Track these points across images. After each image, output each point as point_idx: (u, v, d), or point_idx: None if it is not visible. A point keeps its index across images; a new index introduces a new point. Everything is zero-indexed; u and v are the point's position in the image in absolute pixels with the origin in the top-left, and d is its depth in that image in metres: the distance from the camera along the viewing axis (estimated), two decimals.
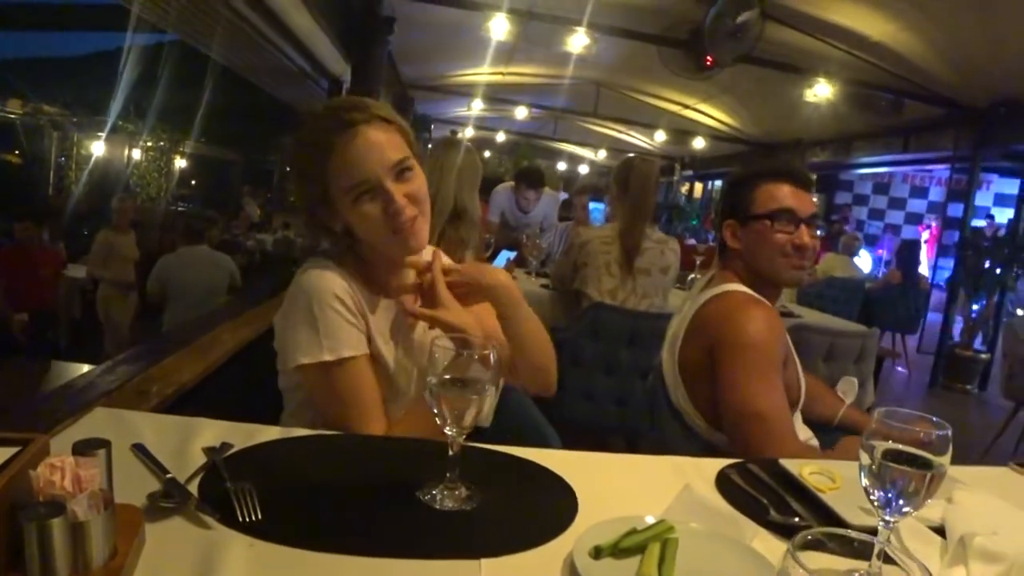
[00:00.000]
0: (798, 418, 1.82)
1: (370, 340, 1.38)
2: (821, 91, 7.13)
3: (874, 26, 6.04)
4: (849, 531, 0.75)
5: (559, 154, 18.01)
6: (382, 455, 1.22)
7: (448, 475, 1.03)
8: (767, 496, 1.15)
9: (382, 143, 1.30)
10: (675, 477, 1.19)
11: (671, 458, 1.31)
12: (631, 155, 3.59)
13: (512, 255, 4.27)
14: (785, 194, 1.78)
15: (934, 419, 0.89)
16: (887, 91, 7.15)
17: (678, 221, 11.90)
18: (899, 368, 8.11)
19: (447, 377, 1.00)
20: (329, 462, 1.16)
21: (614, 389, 2.94)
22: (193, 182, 19.88)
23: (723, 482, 1.21)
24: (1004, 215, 11.47)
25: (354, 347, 1.34)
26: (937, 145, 7.98)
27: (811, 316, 3.92)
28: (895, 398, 6.92)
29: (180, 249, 6.02)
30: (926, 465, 0.85)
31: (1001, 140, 7.22)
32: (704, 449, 1.70)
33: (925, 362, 8.08)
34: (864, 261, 11.71)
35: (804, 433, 1.81)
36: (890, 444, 0.86)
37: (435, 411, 1.01)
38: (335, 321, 1.32)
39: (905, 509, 0.87)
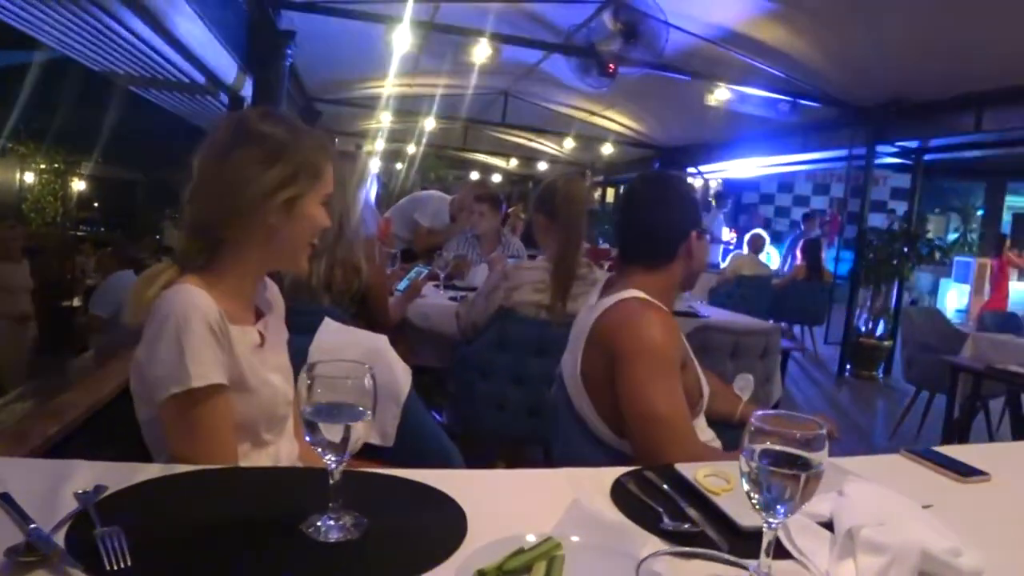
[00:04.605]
0: (701, 419, 1.84)
1: (238, 368, 1.35)
2: (721, 95, 7.33)
3: (768, 31, 6.23)
4: (712, 551, 0.74)
5: (471, 164, 18.02)
6: (264, 488, 1.17)
7: (331, 504, 0.99)
8: (662, 503, 1.15)
9: None
10: (570, 490, 1.17)
11: (566, 470, 1.31)
12: (555, 178, 3.28)
13: (424, 271, 4.21)
14: None
15: (809, 418, 0.89)
16: (784, 93, 7.39)
17: (593, 227, 12.06)
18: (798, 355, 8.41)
19: (323, 403, 0.97)
20: (209, 499, 1.10)
21: (525, 399, 2.91)
22: (96, 204, 19.14)
23: (618, 491, 1.20)
24: (902, 208, 12.02)
25: (222, 376, 1.30)
26: (834, 144, 8.30)
27: (718, 315, 3.99)
28: (804, 389, 7.15)
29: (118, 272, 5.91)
30: (804, 465, 0.86)
31: (893, 137, 7.57)
32: (609, 456, 1.70)
33: (832, 352, 8.38)
34: (772, 257, 12.12)
35: (706, 434, 1.83)
36: (768, 445, 0.87)
37: (310, 439, 0.97)
38: (204, 344, 1.27)
39: (786, 510, 0.87)
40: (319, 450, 0.98)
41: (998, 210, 13.59)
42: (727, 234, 12.52)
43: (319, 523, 0.98)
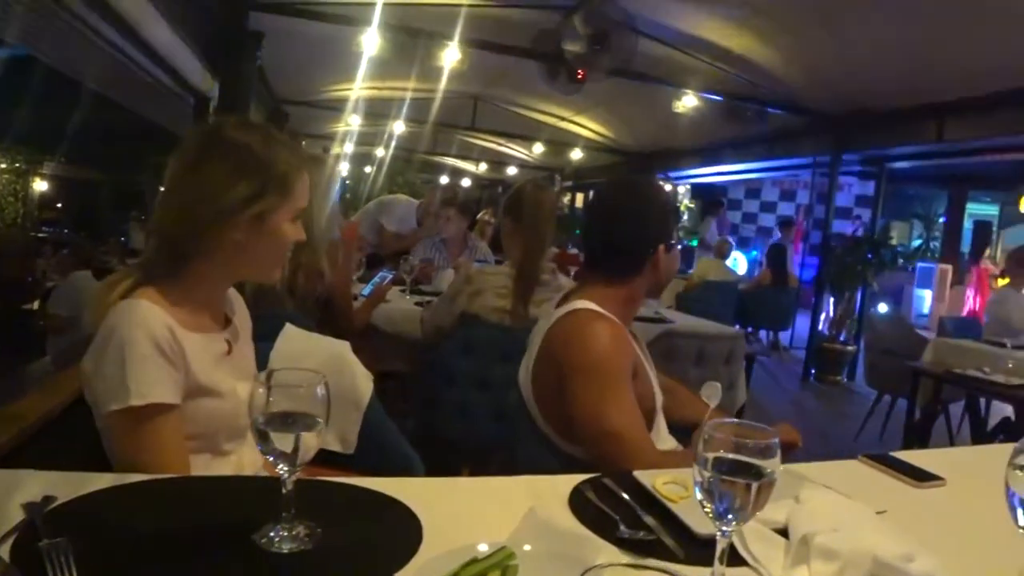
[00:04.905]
0: (663, 426, 1.84)
1: (195, 380, 1.32)
2: (689, 102, 7.40)
3: (734, 39, 6.29)
4: (660, 562, 0.74)
5: (441, 168, 17.96)
6: (217, 497, 1.15)
7: (284, 515, 0.98)
8: (619, 511, 1.15)
9: None
10: (528, 498, 1.17)
11: (525, 478, 1.30)
12: (523, 183, 3.25)
13: (389, 275, 4.18)
14: None
15: (762, 426, 0.90)
16: (750, 101, 7.46)
17: (562, 232, 12.08)
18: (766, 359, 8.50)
19: (273, 412, 0.95)
20: (161, 509, 1.08)
21: (490, 405, 2.89)
22: (59, 205, 18.80)
23: (576, 499, 1.20)
24: (868, 214, 12.18)
25: (165, 394, 1.26)
26: (799, 151, 8.40)
27: (683, 321, 4.00)
28: (769, 393, 7.21)
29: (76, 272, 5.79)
30: (757, 474, 0.86)
31: (857, 146, 7.68)
32: (565, 461, 1.69)
33: (798, 357, 8.47)
34: (740, 263, 12.21)
35: (669, 442, 1.82)
36: (721, 454, 0.87)
37: (261, 448, 0.96)
38: (147, 363, 1.24)
39: (738, 518, 0.88)
40: (271, 459, 0.96)
41: (960, 217, 13.84)
42: None
43: (272, 533, 0.97)
